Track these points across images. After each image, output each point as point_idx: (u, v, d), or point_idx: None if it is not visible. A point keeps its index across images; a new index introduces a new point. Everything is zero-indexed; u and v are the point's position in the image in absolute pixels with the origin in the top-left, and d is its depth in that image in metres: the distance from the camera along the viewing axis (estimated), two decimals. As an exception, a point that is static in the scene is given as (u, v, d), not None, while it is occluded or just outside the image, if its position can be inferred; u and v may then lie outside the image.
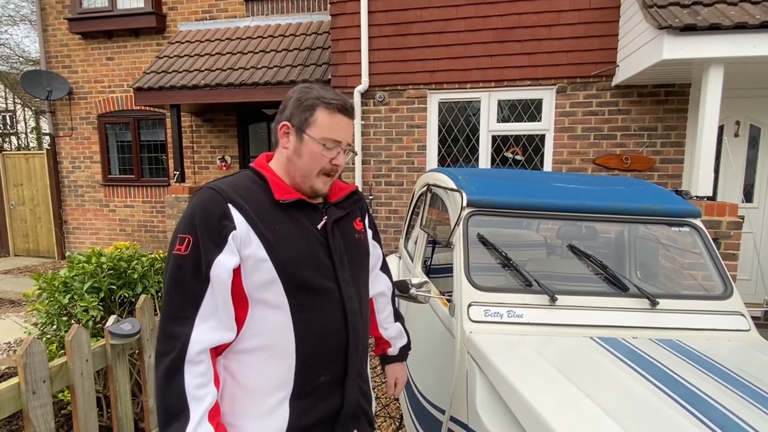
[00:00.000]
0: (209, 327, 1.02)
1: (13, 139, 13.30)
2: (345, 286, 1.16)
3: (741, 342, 1.62)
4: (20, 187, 7.81)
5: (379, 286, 1.45)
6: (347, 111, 1.16)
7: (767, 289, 4.30)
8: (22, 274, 6.84)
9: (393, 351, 1.50)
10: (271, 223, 1.08)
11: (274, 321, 1.08)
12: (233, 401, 1.10)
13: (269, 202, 1.11)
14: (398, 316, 1.53)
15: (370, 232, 1.38)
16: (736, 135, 4.54)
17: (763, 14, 3.39)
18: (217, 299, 1.03)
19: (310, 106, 1.12)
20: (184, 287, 1.02)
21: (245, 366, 1.09)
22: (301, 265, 1.09)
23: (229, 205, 1.05)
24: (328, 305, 1.12)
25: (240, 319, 1.08)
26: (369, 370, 1.35)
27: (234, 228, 1.04)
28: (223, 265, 1.02)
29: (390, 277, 1.51)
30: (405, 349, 1.53)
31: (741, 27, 3.34)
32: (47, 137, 8.03)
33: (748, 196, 4.59)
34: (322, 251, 1.14)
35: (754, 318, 1.76)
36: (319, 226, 1.16)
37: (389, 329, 1.49)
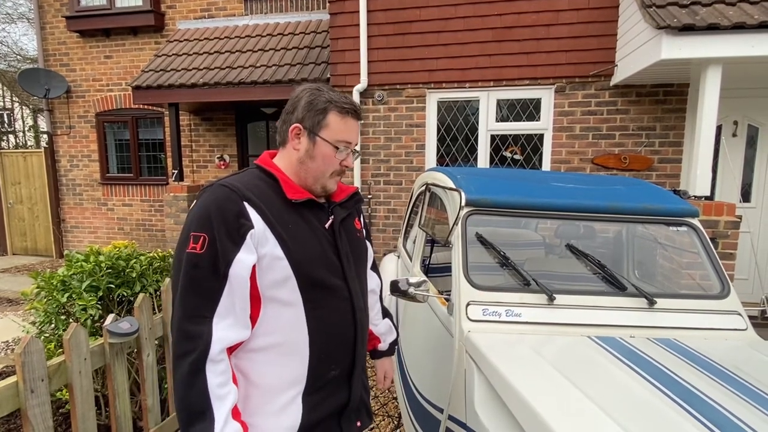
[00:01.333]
0: (227, 325, 1.02)
1: (11, 137, 13.26)
2: (352, 283, 1.19)
3: (738, 341, 1.63)
4: (18, 185, 7.79)
5: (370, 283, 1.47)
6: (357, 114, 1.19)
7: (764, 288, 4.32)
8: (20, 273, 6.82)
9: (383, 346, 1.56)
10: (284, 221, 1.10)
11: (287, 318, 1.10)
12: (247, 400, 1.11)
13: (280, 201, 1.12)
14: (386, 313, 1.58)
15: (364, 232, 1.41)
16: (734, 135, 4.55)
17: (762, 14, 3.40)
18: (234, 297, 1.03)
19: (323, 109, 1.14)
20: (200, 286, 1.02)
21: (258, 364, 1.10)
22: (314, 263, 1.12)
23: (245, 204, 1.05)
24: (338, 302, 1.15)
25: (253, 318, 1.09)
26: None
27: (252, 227, 1.04)
28: (242, 263, 1.02)
29: (379, 275, 1.55)
30: (394, 344, 1.59)
31: (739, 27, 3.35)
32: (45, 135, 8.01)
33: (745, 195, 4.60)
34: (330, 250, 1.17)
35: (751, 317, 1.77)
36: (326, 226, 1.18)
37: (379, 325, 1.54)
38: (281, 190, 1.13)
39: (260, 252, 1.05)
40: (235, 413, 1.03)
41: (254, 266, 1.05)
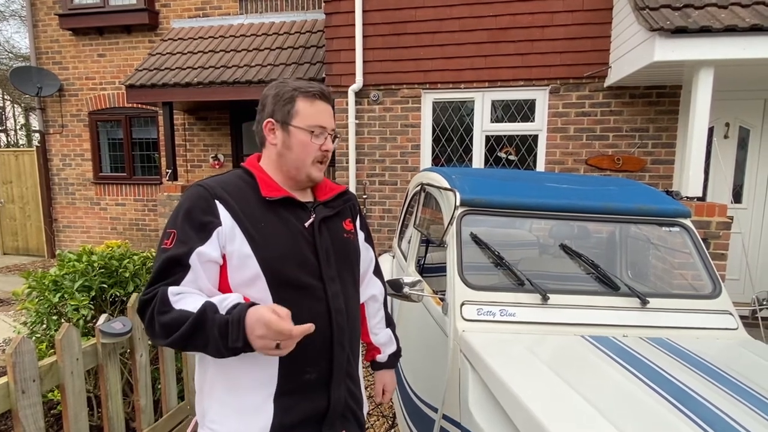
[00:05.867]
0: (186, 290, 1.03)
1: (2, 135, 13.13)
2: (330, 283, 1.15)
3: (729, 340, 1.65)
4: (9, 184, 7.71)
5: (371, 290, 1.43)
6: (326, 97, 1.19)
7: (755, 288, 4.37)
8: (11, 273, 6.75)
9: (382, 357, 1.48)
10: (256, 219, 1.10)
11: None
12: (219, 398, 1.11)
13: (257, 200, 1.13)
14: (390, 322, 1.51)
15: (362, 235, 1.37)
16: (726, 137, 4.60)
17: (753, 17, 3.44)
18: (198, 281, 1.04)
19: (290, 98, 1.15)
20: (165, 273, 1.04)
21: (229, 364, 1.08)
22: (286, 261, 1.10)
23: (216, 201, 1.08)
24: (312, 302, 1.12)
25: None
26: (361, 372, 1.33)
27: (219, 224, 1.06)
28: (204, 255, 1.04)
29: (383, 281, 1.49)
30: (394, 357, 1.51)
31: (731, 30, 3.38)
32: (37, 134, 7.94)
33: (737, 196, 4.65)
34: (307, 248, 1.14)
35: (741, 317, 1.79)
36: (306, 224, 1.16)
37: (379, 335, 1.47)
38: (258, 188, 1.14)
39: (228, 249, 1.06)
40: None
41: (224, 264, 1.07)
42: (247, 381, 1.09)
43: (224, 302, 0.97)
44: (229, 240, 1.06)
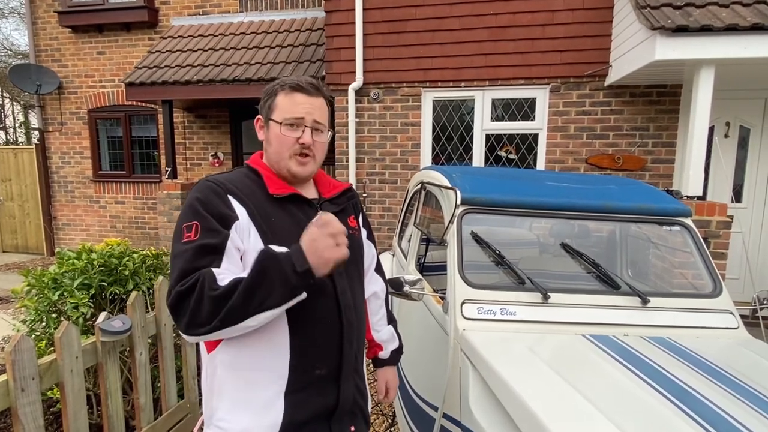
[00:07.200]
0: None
1: (1, 133, 13.11)
2: (339, 279, 1.16)
3: (730, 339, 1.65)
4: (8, 182, 7.70)
5: (373, 287, 1.44)
6: (303, 88, 1.17)
7: (755, 287, 4.36)
8: (11, 271, 6.75)
9: (384, 354, 1.48)
10: (267, 215, 1.10)
11: None
12: (228, 396, 1.10)
13: (264, 196, 1.13)
14: (391, 319, 1.52)
15: (364, 232, 1.38)
16: (726, 136, 4.60)
17: (754, 16, 3.43)
18: (231, 264, 1.03)
19: (272, 93, 1.18)
20: (198, 257, 1.00)
21: (239, 360, 1.09)
22: None
23: (230, 197, 1.08)
24: (322, 299, 1.12)
25: None
26: (365, 369, 1.34)
27: (237, 218, 1.07)
28: (233, 241, 1.04)
29: (384, 278, 1.49)
30: (396, 353, 1.51)
31: (732, 29, 3.38)
32: (36, 132, 7.92)
33: (737, 196, 4.65)
34: None
35: (742, 316, 1.79)
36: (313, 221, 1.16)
37: (381, 332, 1.47)
38: (265, 185, 1.15)
39: (244, 245, 1.06)
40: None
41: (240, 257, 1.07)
42: (258, 377, 1.09)
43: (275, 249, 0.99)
44: (244, 235, 1.07)
